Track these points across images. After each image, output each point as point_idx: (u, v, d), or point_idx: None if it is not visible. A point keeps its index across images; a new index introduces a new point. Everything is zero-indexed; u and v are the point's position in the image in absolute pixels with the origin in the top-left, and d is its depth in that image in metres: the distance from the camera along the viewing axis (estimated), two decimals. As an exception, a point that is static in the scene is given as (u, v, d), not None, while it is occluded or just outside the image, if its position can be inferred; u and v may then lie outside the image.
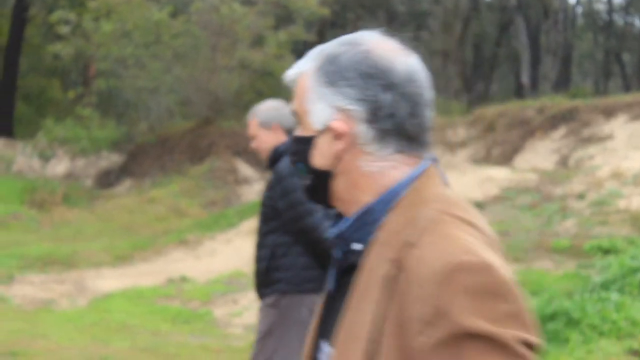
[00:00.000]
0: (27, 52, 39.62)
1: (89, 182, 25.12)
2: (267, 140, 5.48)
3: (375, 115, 1.87)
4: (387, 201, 1.88)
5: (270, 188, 5.29)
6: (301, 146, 1.95)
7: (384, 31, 1.98)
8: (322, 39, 33.57)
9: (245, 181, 21.14)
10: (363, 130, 1.88)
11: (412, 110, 1.88)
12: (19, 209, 20.69)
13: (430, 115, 1.92)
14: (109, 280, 14.54)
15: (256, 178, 21.60)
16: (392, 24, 40.52)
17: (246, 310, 12.26)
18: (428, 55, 40.42)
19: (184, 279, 14.57)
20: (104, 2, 23.96)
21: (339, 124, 1.89)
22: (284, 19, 26.68)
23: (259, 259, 5.31)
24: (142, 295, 13.42)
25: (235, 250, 15.73)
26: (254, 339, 5.34)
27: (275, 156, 5.41)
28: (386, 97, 1.87)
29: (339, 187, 1.93)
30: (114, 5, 23.64)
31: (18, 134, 35.20)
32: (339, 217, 1.97)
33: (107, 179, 23.72)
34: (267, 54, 23.22)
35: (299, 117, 1.96)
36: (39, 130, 25.57)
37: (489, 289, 1.73)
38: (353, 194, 1.92)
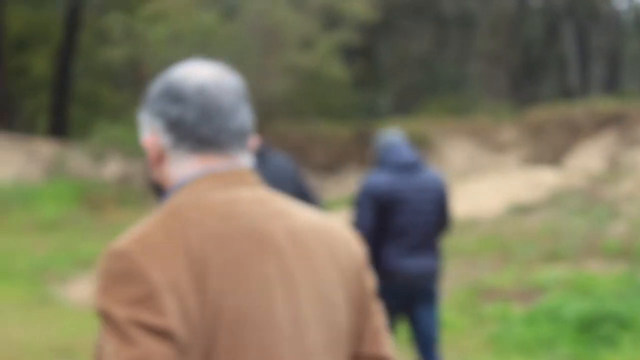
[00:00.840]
0: (81, 54, 40.11)
1: (141, 184, 25.35)
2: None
3: (169, 125, 2.16)
4: (169, 195, 2.19)
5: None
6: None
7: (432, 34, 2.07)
8: (370, 42, 33.70)
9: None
10: (164, 139, 2.18)
11: (203, 117, 2.15)
12: (73, 210, 20.93)
13: (234, 120, 2.18)
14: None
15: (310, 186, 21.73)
16: (441, 27, 40.54)
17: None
18: (476, 57, 40.42)
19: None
20: (155, 6, 24.20)
21: (147, 139, 2.23)
22: (333, 23, 26.81)
23: None
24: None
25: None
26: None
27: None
28: (174, 109, 2.16)
29: (162, 185, 2.25)
30: (165, 10, 23.87)
31: (72, 136, 35.66)
32: None
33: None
34: (316, 58, 23.31)
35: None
36: (92, 132, 25.89)
37: (121, 274, 1.97)
38: (165, 190, 2.23)
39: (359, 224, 6.65)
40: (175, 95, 2.17)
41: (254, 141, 2.23)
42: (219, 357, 1.97)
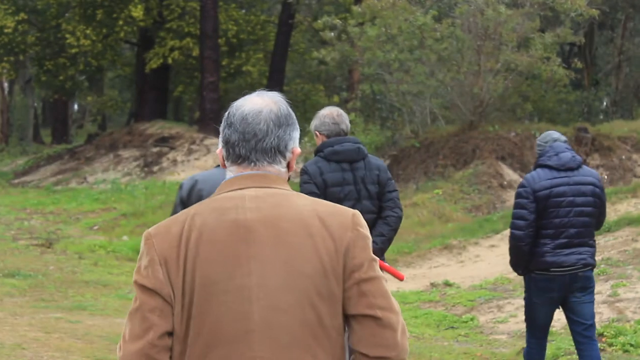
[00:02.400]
0: (293, 58, 40.59)
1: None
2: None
3: (224, 142, 3.06)
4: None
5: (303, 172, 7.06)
6: None
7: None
8: (589, 40, 32.68)
9: (510, 186, 20.75)
10: (223, 152, 3.08)
11: (241, 138, 3.01)
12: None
13: (261, 143, 3.00)
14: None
15: (521, 183, 21.17)
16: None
17: (512, 317, 11.99)
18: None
19: (447, 284, 14.43)
20: (368, 7, 24.15)
21: (218, 152, 3.12)
22: (551, 20, 26.10)
23: None
24: (406, 300, 13.38)
25: (500, 256, 15.43)
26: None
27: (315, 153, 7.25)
28: (226, 131, 3.05)
29: None
30: (379, 10, 23.77)
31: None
32: None
33: (371, 183, 23.88)
34: (532, 57, 22.72)
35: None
36: (304, 135, 26.04)
37: (141, 249, 2.99)
38: None
39: None
40: (228, 121, 3.06)
41: (295, 151, 3.08)
42: (196, 309, 2.89)
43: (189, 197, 6.35)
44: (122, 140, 33.98)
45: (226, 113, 3.06)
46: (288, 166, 3.07)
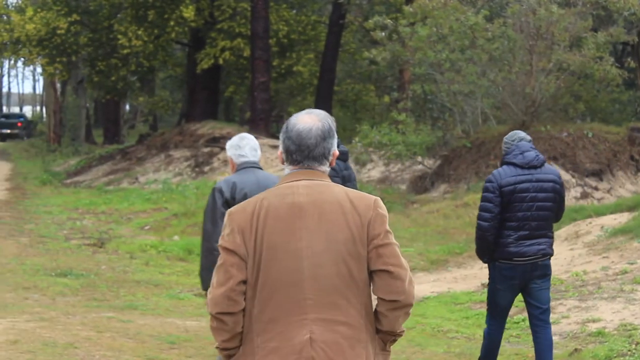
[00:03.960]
0: (343, 58, 40.56)
1: (403, 187, 25.29)
2: None
3: (284, 149, 4.18)
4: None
5: None
6: None
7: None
8: (642, 39, 32.26)
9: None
10: (283, 156, 4.19)
11: (297, 149, 4.13)
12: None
13: (313, 152, 4.14)
14: (424, 285, 14.51)
15: (573, 184, 21.00)
16: None
17: (563, 318, 11.88)
18: None
19: (499, 285, 14.31)
20: (420, 7, 24.07)
21: (279, 153, 4.25)
22: (603, 19, 25.85)
23: None
24: (457, 300, 13.30)
25: (552, 256, 15.28)
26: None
27: None
28: (285, 141, 4.16)
29: None
30: (430, 10, 23.68)
31: (334, 139, 36.07)
32: None
33: (421, 184, 23.77)
34: (585, 57, 22.51)
35: None
36: (355, 135, 26.01)
37: (224, 224, 4.15)
38: None
39: None
40: (287, 135, 4.17)
41: (335, 153, 4.21)
42: (263, 264, 4.04)
43: (233, 197, 7.31)
44: (173, 141, 34.16)
45: (284, 127, 4.17)
46: (330, 164, 4.24)
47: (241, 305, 4.08)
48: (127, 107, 68.31)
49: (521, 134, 8.46)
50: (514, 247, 8.19)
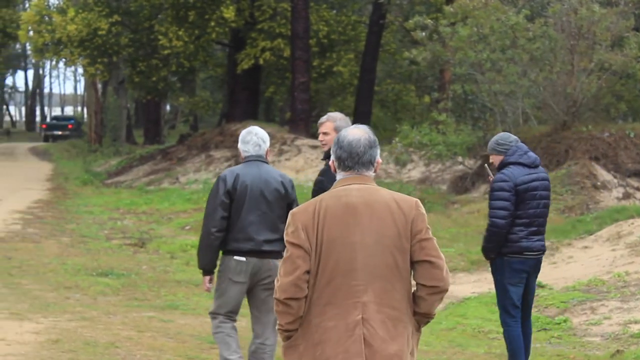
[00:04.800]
0: (383, 58, 40.50)
1: (443, 187, 25.22)
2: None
3: (336, 158, 4.85)
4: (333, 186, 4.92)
5: (322, 174, 7.84)
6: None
7: None
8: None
9: (604, 186, 20.43)
10: (336, 164, 4.87)
11: (348, 156, 4.81)
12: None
13: (361, 159, 4.84)
14: (465, 286, 14.46)
15: (615, 184, 20.83)
16: None
17: (605, 319, 11.80)
18: None
19: (540, 286, 14.23)
20: (460, 7, 23.99)
21: (331, 162, 4.93)
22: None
23: None
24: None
25: (594, 257, 15.21)
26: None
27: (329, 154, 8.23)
28: (338, 151, 4.84)
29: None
30: (471, 10, 23.59)
31: (374, 139, 36.01)
32: None
33: (462, 184, 23.69)
34: (627, 56, 22.33)
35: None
36: (395, 135, 25.97)
37: (288, 222, 4.82)
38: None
39: None
40: (339, 145, 4.85)
41: (379, 161, 4.90)
42: (323, 256, 4.73)
43: (234, 187, 7.92)
44: (213, 141, 34.27)
45: (336, 139, 4.92)
46: (375, 170, 4.94)
47: (305, 292, 4.78)
48: (168, 107, 68.63)
49: (512, 135, 8.93)
50: (526, 241, 8.58)
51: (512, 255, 8.60)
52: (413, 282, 4.87)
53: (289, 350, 4.94)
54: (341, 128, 8.04)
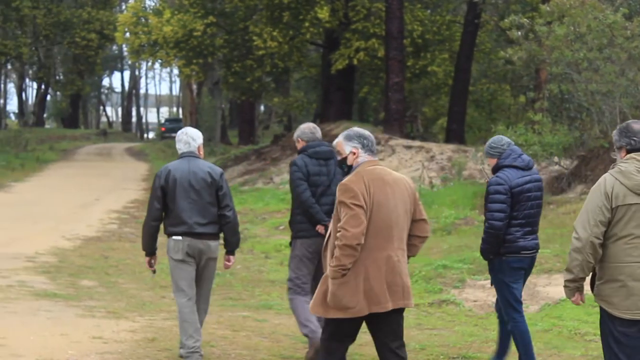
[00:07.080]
0: (478, 57, 40.17)
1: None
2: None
3: (360, 144, 7.27)
4: (355, 168, 7.25)
5: (292, 165, 9.87)
6: (341, 159, 7.40)
7: None
8: None
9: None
10: (361, 150, 7.28)
11: (370, 144, 7.29)
12: (470, 214, 20.93)
13: (376, 146, 7.43)
14: (561, 288, 14.22)
15: None
16: None
17: None
18: None
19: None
20: (557, 5, 23.68)
21: (352, 150, 7.29)
22: None
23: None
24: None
25: None
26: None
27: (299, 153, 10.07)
28: (363, 141, 7.27)
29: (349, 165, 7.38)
30: (567, 9, 23.27)
31: (469, 140, 35.76)
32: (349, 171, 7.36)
33: (558, 184, 23.40)
34: None
35: (338, 151, 7.39)
36: (489, 135, 25.73)
37: (347, 190, 6.97)
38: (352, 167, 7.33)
39: None
40: (364, 135, 7.35)
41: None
42: (373, 215, 6.98)
43: (166, 181, 9.09)
44: (307, 141, 34.29)
45: (359, 132, 7.32)
46: None
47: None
48: (262, 107, 69.08)
49: (505, 138, 9.24)
50: (523, 241, 8.92)
51: (510, 255, 8.92)
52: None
53: (342, 286, 6.93)
54: (304, 136, 10.17)
